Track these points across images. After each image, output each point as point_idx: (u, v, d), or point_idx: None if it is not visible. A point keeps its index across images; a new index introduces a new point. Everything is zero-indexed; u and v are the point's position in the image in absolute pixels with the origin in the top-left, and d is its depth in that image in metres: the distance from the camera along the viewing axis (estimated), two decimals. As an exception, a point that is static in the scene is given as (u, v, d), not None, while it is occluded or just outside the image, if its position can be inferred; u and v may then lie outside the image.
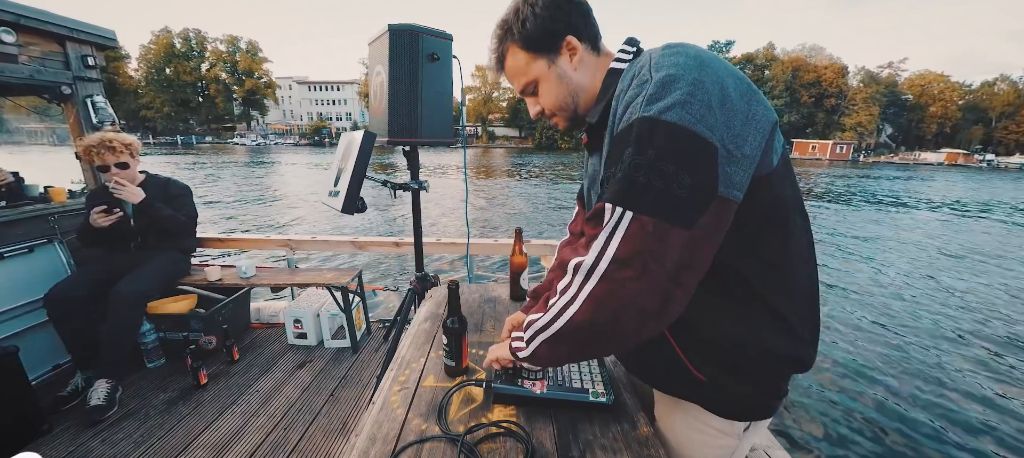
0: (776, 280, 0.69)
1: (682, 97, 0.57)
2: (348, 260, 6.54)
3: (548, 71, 0.79)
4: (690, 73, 0.59)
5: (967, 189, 22.30)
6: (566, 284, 0.67)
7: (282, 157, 36.37)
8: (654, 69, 0.61)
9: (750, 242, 0.67)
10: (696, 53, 0.62)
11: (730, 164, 0.59)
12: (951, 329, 5.13)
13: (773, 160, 0.64)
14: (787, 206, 0.68)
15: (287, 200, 13.71)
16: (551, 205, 13.80)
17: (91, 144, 2.06)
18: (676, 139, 0.57)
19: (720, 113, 0.58)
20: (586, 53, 0.78)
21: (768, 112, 0.64)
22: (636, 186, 0.58)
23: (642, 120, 0.59)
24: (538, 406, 0.91)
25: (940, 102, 57.22)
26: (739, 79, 0.63)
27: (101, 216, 2.07)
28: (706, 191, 0.57)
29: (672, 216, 0.57)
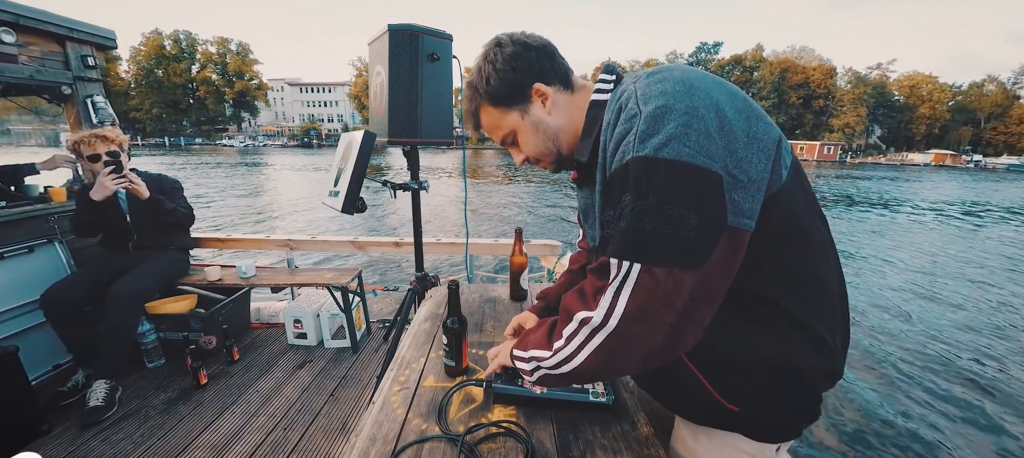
0: (802, 293, 0.65)
1: (677, 129, 0.54)
2: (346, 259, 6.54)
3: (522, 122, 0.78)
4: (681, 100, 0.56)
5: (950, 190, 22.26)
6: (572, 333, 0.64)
7: (269, 158, 36.42)
8: (642, 101, 0.58)
9: (770, 260, 0.63)
10: (683, 77, 0.59)
11: (737, 191, 0.55)
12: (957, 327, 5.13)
13: (782, 176, 0.60)
14: (803, 215, 0.64)
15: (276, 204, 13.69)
16: (543, 203, 13.86)
17: (83, 134, 2.05)
18: (677, 177, 0.53)
19: (719, 138, 0.55)
20: (557, 94, 0.76)
21: (770, 129, 0.60)
22: (642, 236, 0.55)
23: (638, 161, 0.55)
24: (538, 406, 0.91)
25: (929, 103, 57.44)
26: (735, 96, 0.60)
27: (110, 178, 2.00)
28: (715, 226, 0.54)
29: (683, 261, 0.54)
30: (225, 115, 68.19)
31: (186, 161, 31.09)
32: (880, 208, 15.14)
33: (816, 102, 58.32)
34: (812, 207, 0.67)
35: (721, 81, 0.62)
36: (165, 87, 62.26)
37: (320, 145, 70.15)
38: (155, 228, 2.30)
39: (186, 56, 63.30)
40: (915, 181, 27.36)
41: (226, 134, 70.18)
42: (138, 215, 2.24)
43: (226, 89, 65.27)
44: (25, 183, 2.45)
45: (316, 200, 13.41)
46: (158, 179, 2.36)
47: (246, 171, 23.56)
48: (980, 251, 9.24)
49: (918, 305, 5.91)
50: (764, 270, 0.63)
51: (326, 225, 10.27)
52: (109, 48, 2.48)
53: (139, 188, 2.11)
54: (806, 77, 57.52)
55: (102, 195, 2.01)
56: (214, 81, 64.75)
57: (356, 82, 69.30)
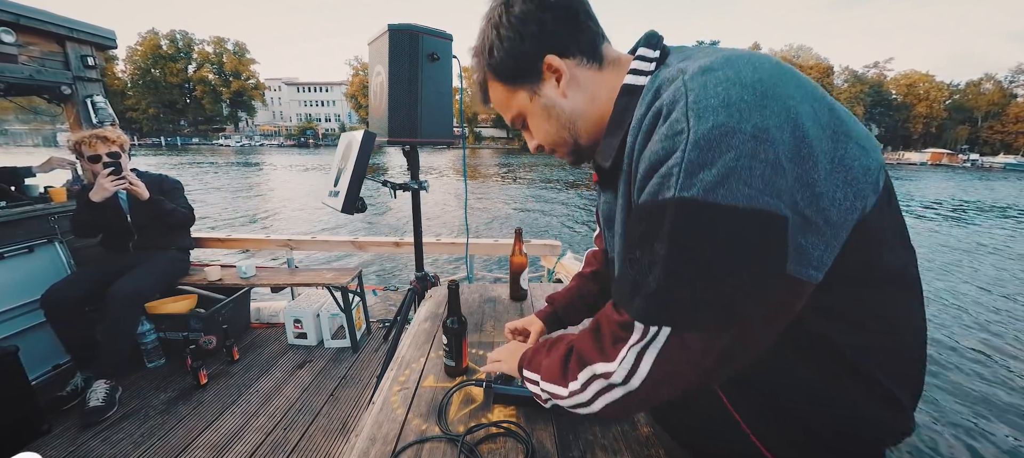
0: (878, 344, 0.53)
1: (739, 162, 0.40)
2: (345, 259, 6.54)
3: (531, 104, 0.63)
4: (750, 118, 0.41)
5: (943, 189, 22.26)
6: (587, 381, 0.56)
7: (265, 158, 36.47)
8: (693, 114, 0.42)
9: (845, 304, 0.51)
10: (755, 78, 0.42)
11: (806, 235, 0.42)
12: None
13: (868, 204, 0.46)
14: (891, 252, 0.51)
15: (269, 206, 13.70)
16: (540, 202, 13.88)
17: (84, 135, 2.05)
18: (733, 228, 0.41)
19: (792, 167, 0.41)
20: (579, 69, 0.60)
21: (867, 156, 0.45)
22: (676, 299, 0.45)
23: (682, 204, 0.42)
24: (538, 406, 0.91)
25: (925, 102, 57.52)
26: (820, 101, 0.44)
27: (109, 180, 2.00)
28: (770, 280, 0.43)
29: (721, 320, 0.44)
30: (222, 115, 68.31)
31: (179, 161, 31.14)
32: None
33: None
34: (897, 236, 0.52)
35: (802, 79, 0.46)
36: (161, 87, 62.38)
37: (316, 145, 70.33)
38: (155, 228, 2.30)
39: (182, 56, 63.37)
40: (907, 180, 27.29)
41: (222, 134, 70.36)
42: (139, 215, 2.24)
43: (222, 89, 65.37)
44: (25, 183, 2.45)
45: (309, 200, 13.41)
46: (159, 179, 2.36)
47: (240, 171, 23.52)
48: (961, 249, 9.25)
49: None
50: (833, 315, 0.52)
51: (317, 225, 10.26)
52: (109, 48, 2.48)
53: (138, 189, 2.11)
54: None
55: (101, 196, 2.01)
56: (210, 81, 64.86)
57: (353, 81, 69.44)
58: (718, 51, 0.48)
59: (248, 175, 21.42)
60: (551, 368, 0.67)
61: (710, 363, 0.47)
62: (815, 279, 0.44)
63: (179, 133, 67.03)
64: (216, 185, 17.16)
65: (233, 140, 67.84)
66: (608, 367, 0.53)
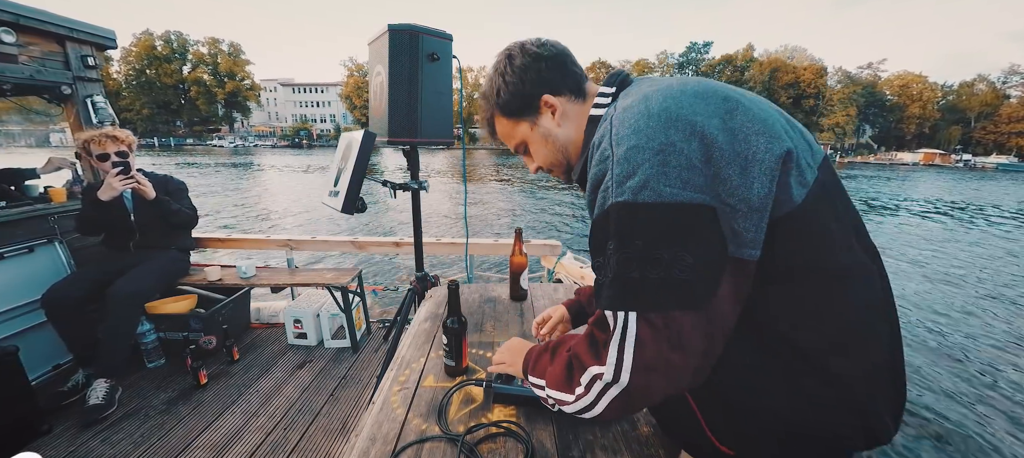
0: (825, 336, 0.56)
1: (654, 168, 0.51)
2: (343, 259, 6.54)
3: (532, 132, 0.78)
4: (656, 137, 0.52)
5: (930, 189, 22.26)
6: (588, 384, 0.61)
7: (258, 159, 36.44)
8: (615, 143, 0.55)
9: (787, 295, 0.56)
10: (661, 107, 0.54)
11: (736, 219, 0.51)
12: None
13: (794, 196, 0.53)
14: (831, 245, 0.55)
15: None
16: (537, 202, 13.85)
17: (93, 133, 2.07)
18: (662, 219, 0.50)
19: (706, 167, 0.51)
20: (568, 104, 0.75)
21: (773, 143, 0.53)
22: (631, 285, 0.52)
23: (618, 207, 0.53)
24: (538, 406, 0.91)
25: (919, 102, 57.55)
26: (728, 112, 0.54)
27: (117, 179, 2.01)
28: (715, 261, 0.51)
29: (682, 303, 0.51)
30: (217, 115, 68.29)
31: (170, 161, 31.08)
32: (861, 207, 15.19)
33: (806, 102, 58.45)
34: (845, 236, 0.58)
35: (714, 96, 0.56)
36: (156, 87, 62.25)
37: (310, 145, 70.37)
38: (157, 228, 2.30)
39: (177, 56, 63.30)
40: (898, 180, 27.30)
41: (217, 134, 70.33)
42: (142, 215, 2.25)
43: (217, 90, 65.30)
44: (25, 183, 2.45)
45: (296, 203, 13.38)
46: (164, 180, 2.37)
47: (233, 172, 23.39)
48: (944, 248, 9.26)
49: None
50: (778, 304, 0.56)
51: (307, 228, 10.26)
52: (109, 48, 2.48)
53: (146, 189, 2.12)
54: (796, 77, 57.63)
55: (109, 195, 2.03)
56: (205, 81, 64.79)
57: (348, 82, 69.51)
58: (647, 89, 0.60)
59: (240, 177, 21.26)
60: (555, 376, 0.70)
61: (681, 344, 0.52)
62: (754, 257, 0.52)
63: (174, 134, 67.00)
64: (206, 186, 17.08)
65: (226, 141, 67.88)
66: (600, 369, 0.58)
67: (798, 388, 0.56)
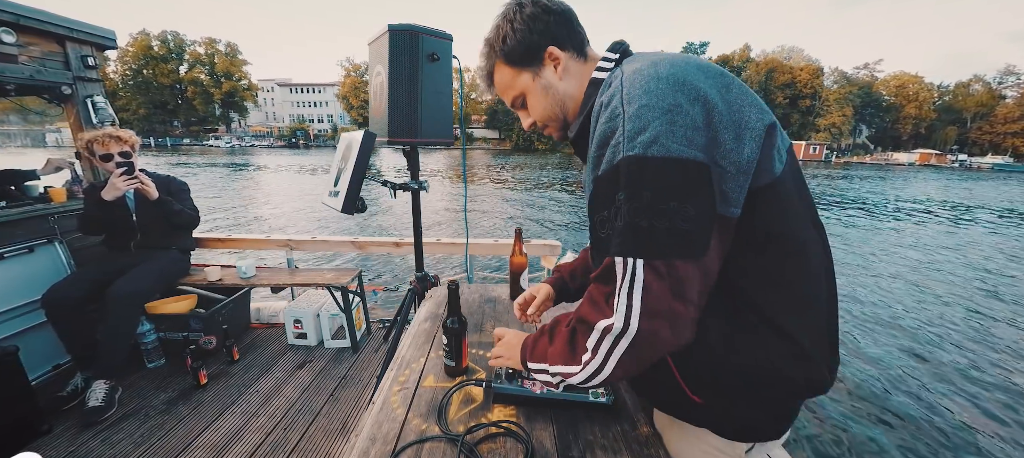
0: (785, 299, 0.64)
1: (664, 126, 0.55)
2: (344, 259, 6.54)
3: (533, 83, 0.79)
4: (666, 97, 0.57)
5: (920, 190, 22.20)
6: (596, 344, 0.63)
7: (253, 159, 36.30)
8: (627, 101, 0.59)
9: (754, 259, 0.63)
10: (669, 72, 0.59)
11: (725, 181, 0.57)
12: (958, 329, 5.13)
13: (775, 168, 0.61)
14: (796, 218, 0.64)
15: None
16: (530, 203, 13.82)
17: (97, 134, 2.08)
18: (669, 173, 0.55)
19: (707, 130, 0.56)
20: (571, 61, 0.77)
21: (762, 115, 0.61)
22: (640, 233, 0.56)
23: (628, 160, 0.57)
24: (538, 406, 0.91)
25: (915, 103, 57.55)
26: (725, 85, 0.61)
27: (121, 179, 2.02)
28: (708, 216, 0.56)
29: (684, 252, 0.55)
30: (214, 115, 68.23)
31: (166, 160, 30.95)
32: (851, 208, 15.12)
33: (802, 102, 58.50)
34: (806, 212, 0.66)
35: (712, 69, 0.62)
36: (152, 87, 62.12)
37: (306, 145, 70.26)
38: (158, 228, 2.30)
39: (174, 57, 63.17)
40: (890, 181, 27.17)
41: (213, 135, 70.24)
42: (144, 215, 2.25)
43: (214, 90, 65.17)
44: (25, 184, 2.45)
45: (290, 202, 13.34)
46: (166, 180, 2.37)
47: (222, 173, 23.10)
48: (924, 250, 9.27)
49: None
50: (747, 268, 0.63)
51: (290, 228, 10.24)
52: (109, 48, 2.48)
53: (149, 189, 2.13)
54: (793, 77, 57.63)
55: (113, 195, 2.04)
56: (202, 82, 64.65)
57: (344, 82, 69.42)
58: (653, 57, 0.64)
59: (231, 178, 20.96)
60: (558, 352, 0.72)
61: (684, 292, 0.56)
62: (735, 215, 0.58)
63: (170, 134, 66.92)
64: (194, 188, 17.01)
65: (223, 141, 67.85)
66: (609, 321, 0.60)
67: (759, 343, 0.64)
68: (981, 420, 3.39)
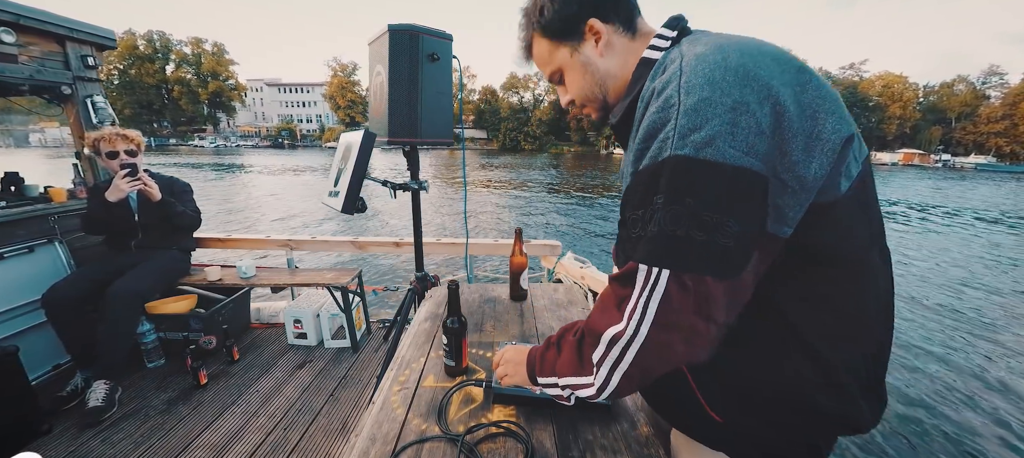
0: (825, 323, 0.57)
1: (724, 126, 0.48)
2: (345, 259, 6.54)
3: (571, 59, 0.71)
4: (731, 93, 0.49)
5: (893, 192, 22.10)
6: (602, 356, 0.59)
7: (239, 159, 36.28)
8: (684, 91, 0.51)
9: (795, 275, 0.56)
10: (739, 62, 0.50)
11: (782, 196, 0.50)
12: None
13: (841, 185, 0.52)
14: (855, 241, 0.56)
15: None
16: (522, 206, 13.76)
17: (104, 132, 2.11)
18: (720, 181, 0.48)
19: (773, 137, 0.49)
20: (615, 35, 0.68)
21: (840, 125, 0.51)
22: (674, 242, 0.50)
23: (676, 160, 0.49)
24: (538, 406, 0.91)
25: (899, 103, 57.63)
26: (802, 84, 0.52)
27: (125, 181, 2.04)
28: (755, 233, 0.49)
29: (718, 269, 0.49)
30: (203, 115, 68.15)
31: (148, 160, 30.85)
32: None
33: None
34: (869, 235, 0.58)
35: (791, 63, 0.53)
36: (138, 87, 61.92)
37: (292, 146, 70.10)
38: (159, 228, 2.31)
39: (159, 56, 63.02)
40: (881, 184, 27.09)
41: (198, 135, 70.12)
42: (145, 215, 2.26)
43: (200, 89, 65.01)
44: (25, 183, 2.45)
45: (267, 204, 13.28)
46: (169, 181, 2.38)
47: (202, 174, 22.86)
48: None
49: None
50: (790, 287, 0.56)
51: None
52: (109, 48, 2.48)
53: (152, 190, 2.13)
54: None
55: (117, 197, 2.05)
56: (188, 81, 64.48)
57: (331, 82, 69.22)
58: (720, 39, 0.55)
59: (210, 179, 20.64)
60: (567, 363, 0.68)
61: (708, 309, 0.51)
62: (786, 234, 0.52)
63: (157, 134, 66.89)
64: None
65: (208, 141, 67.80)
66: (618, 327, 0.56)
67: (789, 366, 0.58)
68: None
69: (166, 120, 66.74)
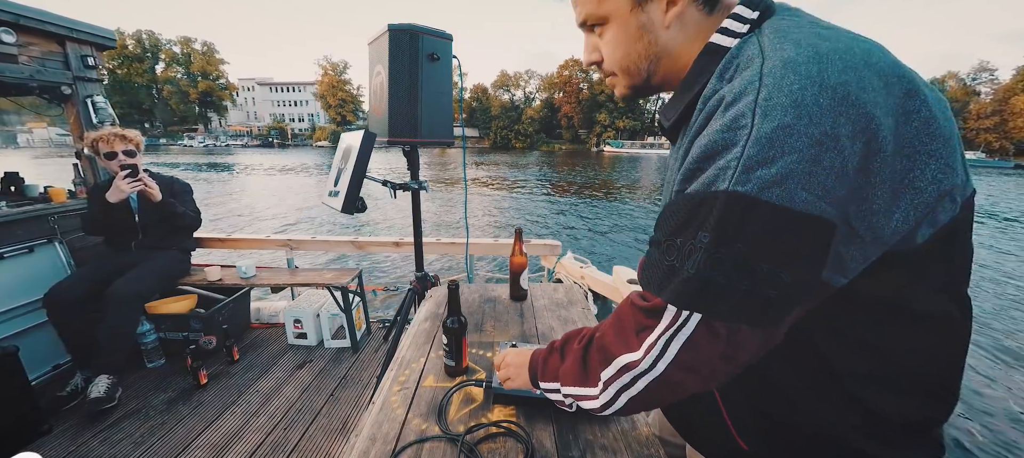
0: (874, 368, 0.50)
1: (802, 164, 0.38)
2: (344, 260, 6.54)
3: (629, 15, 0.55)
4: (821, 123, 0.38)
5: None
6: (611, 377, 0.56)
7: (229, 159, 36.28)
8: (761, 111, 0.40)
9: (841, 316, 0.49)
10: (840, 81, 0.39)
11: (849, 245, 0.41)
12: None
13: (916, 237, 0.43)
14: (922, 290, 0.47)
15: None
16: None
17: (103, 132, 2.10)
18: (780, 229, 0.39)
19: (856, 178, 0.39)
20: (693, 8, 0.53)
21: (942, 176, 0.42)
22: (712, 288, 0.43)
23: (733, 198, 0.40)
24: (538, 406, 0.91)
25: None
26: (909, 112, 0.41)
27: (125, 182, 2.04)
28: (808, 285, 0.42)
29: (755, 320, 0.44)
30: (194, 114, 67.94)
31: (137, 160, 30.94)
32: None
33: None
34: (944, 283, 0.48)
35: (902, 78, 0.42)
36: (126, 87, 61.80)
37: (282, 145, 69.90)
38: (160, 228, 2.31)
39: (149, 56, 62.86)
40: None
41: (188, 134, 69.92)
42: (146, 215, 2.26)
43: (190, 89, 64.81)
44: (25, 183, 2.45)
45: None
46: (169, 181, 2.38)
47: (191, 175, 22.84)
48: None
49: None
50: (828, 325, 0.49)
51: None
52: (109, 48, 2.48)
53: (153, 191, 2.14)
54: None
55: (118, 198, 2.05)
56: (177, 81, 64.28)
57: (322, 81, 69.04)
58: (819, 37, 0.43)
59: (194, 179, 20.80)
60: (571, 373, 0.66)
61: (735, 355, 0.47)
62: (840, 284, 0.44)
63: (148, 134, 66.84)
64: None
65: (197, 140, 67.58)
66: (633, 356, 0.53)
67: (829, 408, 0.52)
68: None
69: (157, 120, 66.52)
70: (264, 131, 75.34)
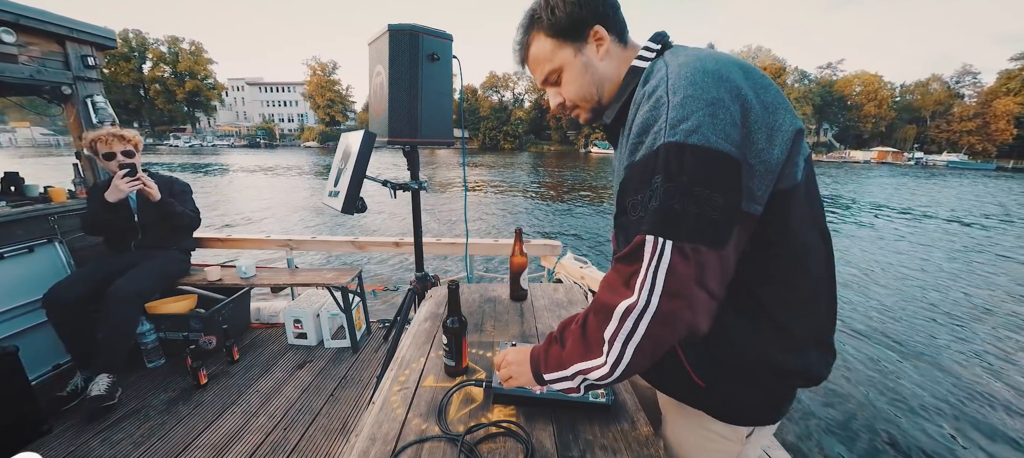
0: (785, 296, 0.68)
1: (705, 117, 0.58)
2: (344, 259, 6.54)
3: (574, 60, 0.78)
4: (709, 91, 0.59)
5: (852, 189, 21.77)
6: (615, 331, 0.63)
7: (214, 159, 36.16)
8: (672, 91, 0.61)
9: (760, 256, 0.66)
10: (714, 68, 0.62)
11: (753, 178, 0.60)
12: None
13: (797, 174, 0.63)
14: (804, 224, 0.67)
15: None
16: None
17: (101, 133, 2.09)
18: (706, 161, 0.57)
19: (742, 128, 0.59)
20: (613, 44, 0.77)
21: (792, 121, 0.63)
22: (673, 214, 0.58)
23: (669, 146, 0.58)
24: (538, 406, 0.92)
25: (874, 101, 57.86)
26: (763, 87, 0.63)
27: (124, 181, 2.04)
28: (735, 209, 0.59)
29: (710, 239, 0.58)
30: (182, 114, 67.41)
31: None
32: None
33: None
34: (816, 218, 0.70)
35: (753, 72, 0.65)
36: (114, 87, 60.69)
37: (269, 145, 69.30)
38: (159, 228, 2.31)
39: (135, 55, 62.29)
40: (841, 182, 26.40)
41: (174, 134, 69.34)
42: (145, 215, 2.26)
43: (177, 88, 64.23)
44: (25, 183, 2.45)
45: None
46: (169, 181, 2.38)
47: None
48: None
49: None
50: (754, 263, 0.66)
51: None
52: (109, 48, 2.49)
53: (152, 190, 2.13)
54: None
55: (116, 197, 2.05)
56: (164, 80, 63.73)
57: (311, 81, 68.60)
58: (697, 52, 0.66)
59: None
60: (575, 350, 0.71)
61: (704, 278, 0.59)
62: (758, 212, 0.61)
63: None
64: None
65: (183, 140, 66.99)
66: (630, 300, 0.61)
67: (759, 335, 0.69)
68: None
69: (145, 120, 65.88)
70: (253, 131, 74.74)
